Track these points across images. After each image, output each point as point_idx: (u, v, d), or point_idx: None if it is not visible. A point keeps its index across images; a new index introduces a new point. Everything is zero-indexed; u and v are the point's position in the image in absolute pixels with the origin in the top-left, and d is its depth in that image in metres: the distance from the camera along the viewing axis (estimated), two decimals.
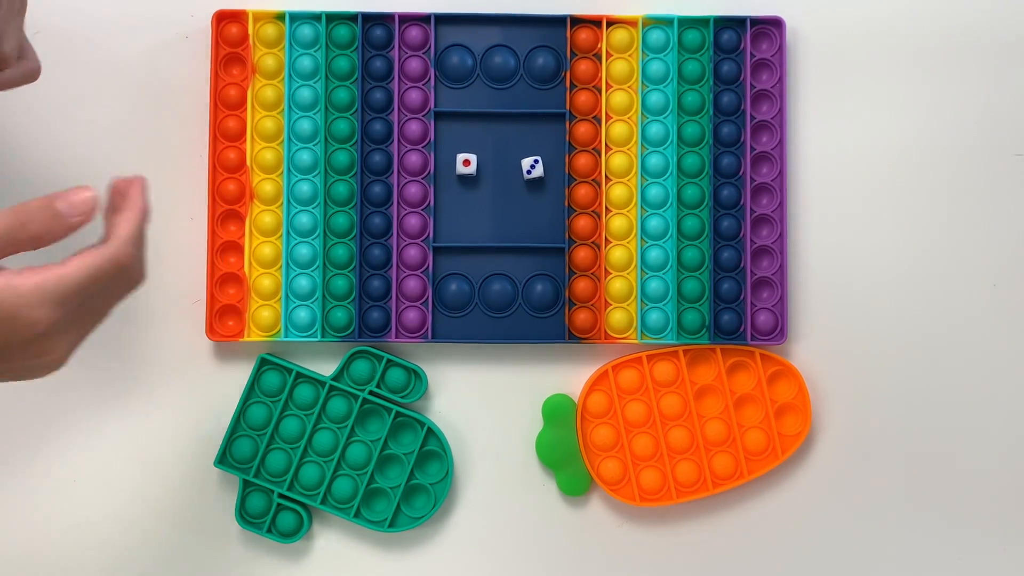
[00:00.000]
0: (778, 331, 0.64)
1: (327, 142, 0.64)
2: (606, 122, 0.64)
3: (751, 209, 0.64)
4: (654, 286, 0.64)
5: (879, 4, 0.65)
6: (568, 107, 0.64)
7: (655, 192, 0.64)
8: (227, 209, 0.63)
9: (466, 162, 0.61)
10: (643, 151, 0.64)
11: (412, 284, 0.64)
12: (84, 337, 0.43)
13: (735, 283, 0.64)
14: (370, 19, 0.64)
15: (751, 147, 0.64)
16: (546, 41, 0.64)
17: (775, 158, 0.64)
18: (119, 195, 0.43)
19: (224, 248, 0.63)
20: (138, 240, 0.42)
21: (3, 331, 0.39)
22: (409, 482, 0.63)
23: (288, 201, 0.63)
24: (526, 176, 0.63)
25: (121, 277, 0.42)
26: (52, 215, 0.41)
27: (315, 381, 0.63)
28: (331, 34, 0.64)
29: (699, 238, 0.64)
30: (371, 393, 0.63)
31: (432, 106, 0.64)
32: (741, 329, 0.64)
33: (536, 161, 0.62)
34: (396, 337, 0.63)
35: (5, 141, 0.64)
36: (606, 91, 0.64)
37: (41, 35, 0.64)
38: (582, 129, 0.64)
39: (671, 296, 0.64)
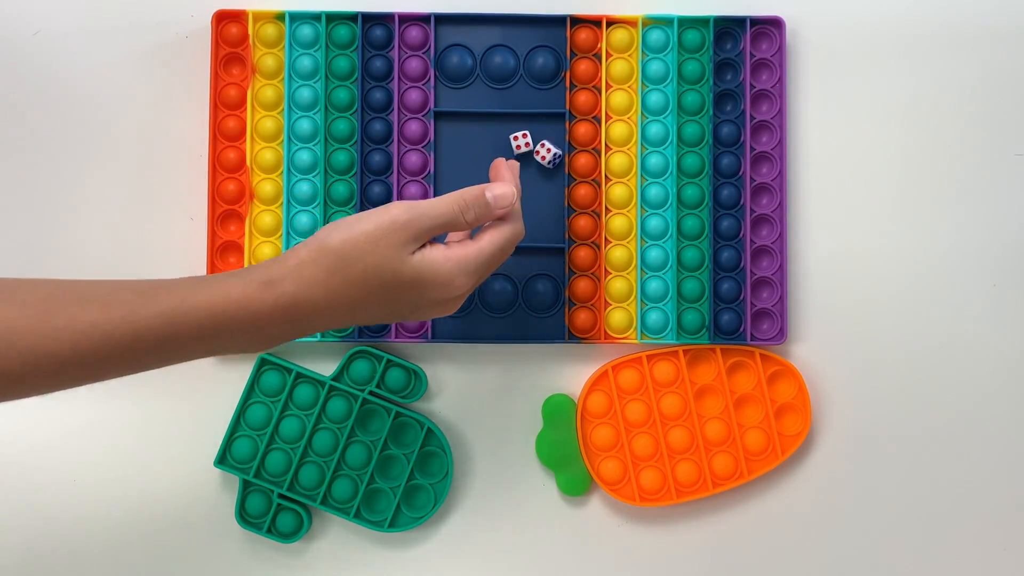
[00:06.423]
0: (778, 331, 0.64)
1: (327, 142, 0.64)
2: (606, 122, 0.64)
3: (751, 209, 0.64)
4: (654, 286, 0.64)
5: (879, 4, 0.65)
6: (568, 107, 0.64)
7: (655, 192, 0.64)
8: (227, 209, 0.63)
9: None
10: (643, 151, 0.64)
11: None
12: (477, 287, 0.53)
13: (735, 283, 0.64)
14: (370, 19, 0.64)
15: (751, 147, 0.64)
16: (546, 41, 0.64)
17: (775, 158, 0.64)
18: (496, 174, 0.53)
19: (224, 248, 0.63)
20: (519, 211, 0.53)
21: (438, 293, 0.49)
22: (409, 482, 0.63)
23: (288, 201, 0.63)
24: (550, 164, 0.63)
25: (514, 243, 0.52)
26: (485, 204, 0.50)
27: (315, 381, 0.63)
28: (331, 34, 0.64)
29: (699, 238, 0.64)
30: (371, 393, 0.63)
31: (432, 106, 0.64)
32: (741, 329, 0.64)
33: (549, 151, 0.63)
34: (396, 337, 0.63)
35: (5, 141, 0.64)
36: (606, 91, 0.64)
37: (41, 35, 0.64)
38: (582, 129, 0.64)
39: (671, 296, 0.64)
